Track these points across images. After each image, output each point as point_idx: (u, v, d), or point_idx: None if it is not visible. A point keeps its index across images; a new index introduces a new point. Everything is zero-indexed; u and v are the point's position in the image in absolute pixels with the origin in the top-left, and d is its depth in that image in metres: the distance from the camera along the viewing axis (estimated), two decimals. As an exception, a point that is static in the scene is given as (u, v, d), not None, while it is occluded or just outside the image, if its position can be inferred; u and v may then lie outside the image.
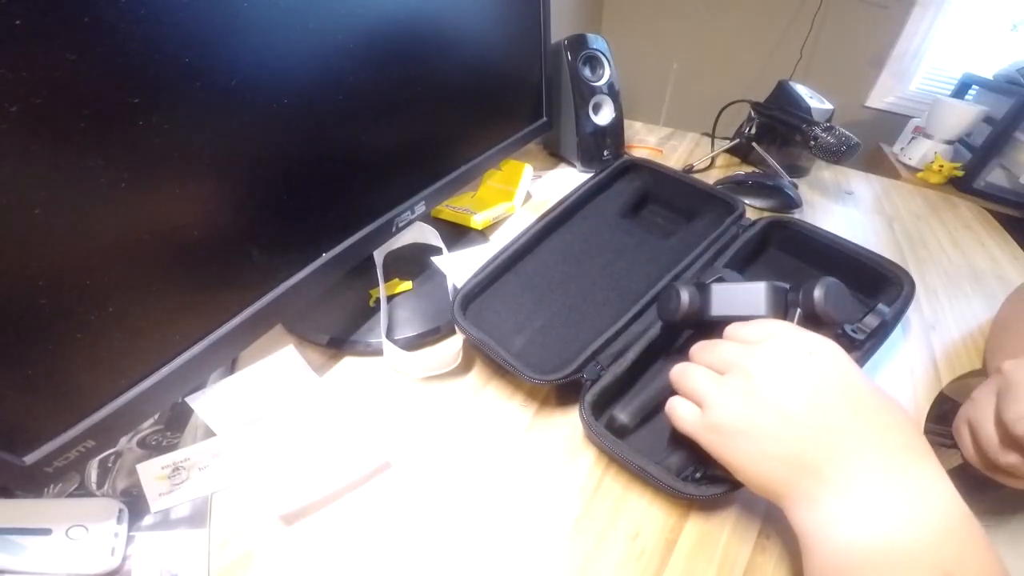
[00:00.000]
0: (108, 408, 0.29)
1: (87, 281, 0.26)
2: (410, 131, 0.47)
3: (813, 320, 0.36)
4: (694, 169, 0.92)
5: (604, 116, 0.82)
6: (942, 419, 0.79)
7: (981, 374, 0.57)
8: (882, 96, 1.91)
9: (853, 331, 0.40)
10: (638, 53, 2.18)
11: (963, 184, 1.39)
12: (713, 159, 0.95)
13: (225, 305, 0.35)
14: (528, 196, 0.74)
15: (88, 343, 0.27)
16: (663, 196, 0.66)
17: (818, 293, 0.35)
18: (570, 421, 0.43)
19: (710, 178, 0.88)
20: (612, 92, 0.82)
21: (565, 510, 0.37)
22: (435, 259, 0.52)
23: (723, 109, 0.96)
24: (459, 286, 0.47)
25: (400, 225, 0.48)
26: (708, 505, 0.37)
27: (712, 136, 0.99)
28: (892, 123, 1.83)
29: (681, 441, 0.36)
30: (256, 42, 0.31)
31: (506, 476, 0.39)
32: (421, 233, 0.54)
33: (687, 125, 1.14)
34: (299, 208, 0.37)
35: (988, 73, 1.54)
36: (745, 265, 0.56)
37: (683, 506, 0.37)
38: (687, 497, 0.34)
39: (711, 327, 0.38)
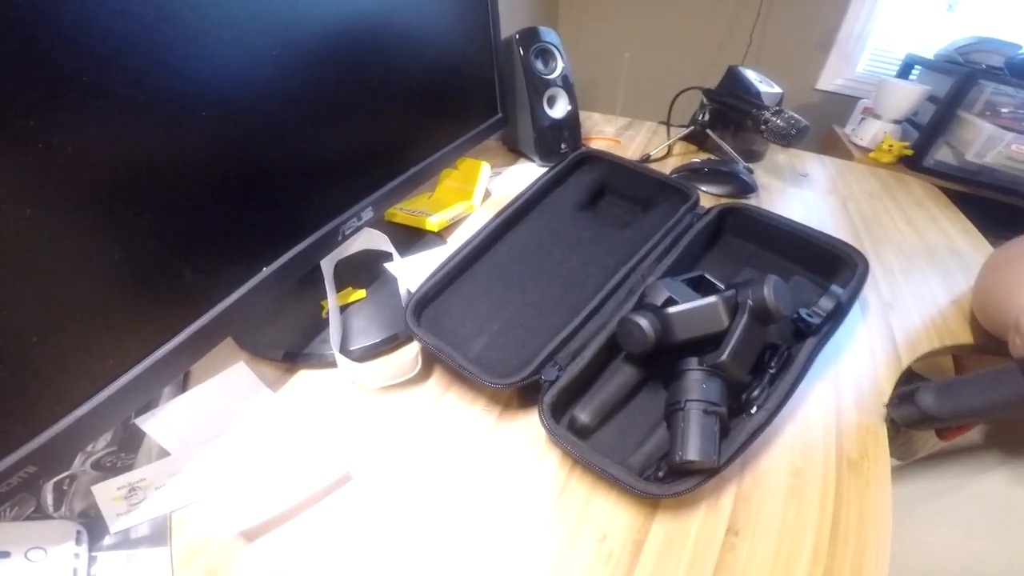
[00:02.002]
0: (45, 435, 0.28)
1: (1, 313, 0.24)
2: (350, 136, 0.45)
3: (761, 316, 0.36)
4: (651, 158, 0.92)
5: (559, 109, 0.81)
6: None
7: (943, 353, 0.57)
8: (831, 78, 1.96)
9: (808, 315, 0.40)
10: (595, 44, 2.18)
11: (913, 162, 1.43)
12: (670, 147, 0.96)
13: (158, 329, 0.33)
14: (488, 194, 0.72)
15: (11, 373, 0.26)
16: (619, 187, 0.66)
17: (767, 292, 0.35)
18: (533, 423, 0.42)
19: (668, 166, 0.88)
20: (566, 84, 0.81)
21: (532, 514, 0.36)
22: (388, 265, 0.50)
23: (676, 97, 0.96)
24: (412, 291, 0.45)
25: (346, 233, 0.46)
26: (674, 504, 0.37)
27: (667, 124, 1.00)
28: (843, 105, 1.88)
29: (644, 439, 0.35)
30: (163, 55, 0.28)
31: (470, 483, 0.38)
32: (371, 239, 0.52)
33: (645, 114, 1.15)
34: (231, 224, 0.35)
35: (928, 53, 1.60)
36: (701, 253, 0.55)
37: (649, 506, 0.37)
38: (650, 496, 0.34)
39: (674, 348, 0.38)
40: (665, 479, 0.34)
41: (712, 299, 0.36)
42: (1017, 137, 1.20)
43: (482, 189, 0.67)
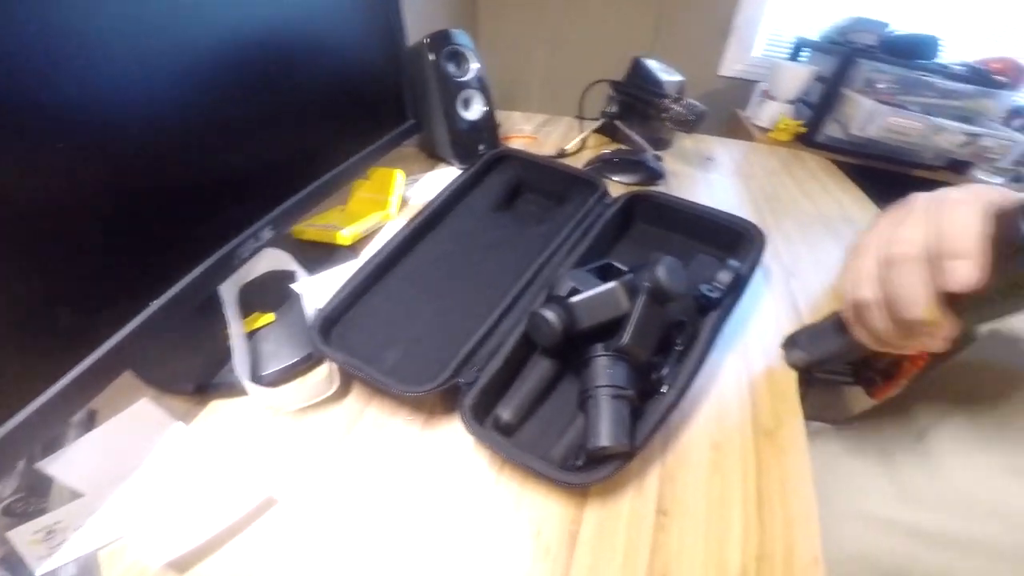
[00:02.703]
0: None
1: None
2: (241, 153, 0.43)
3: (658, 297, 0.37)
4: (566, 153, 0.93)
5: (475, 110, 0.81)
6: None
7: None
8: (732, 64, 2.07)
9: (709, 290, 0.42)
10: (514, 43, 2.20)
11: (807, 139, 1.54)
12: (583, 141, 0.98)
13: (39, 374, 0.30)
14: (406, 202, 0.71)
15: None
16: (535, 184, 0.67)
17: (660, 272, 0.36)
18: (460, 426, 0.41)
19: (583, 159, 0.90)
20: (481, 86, 0.81)
21: (467, 518, 0.36)
22: (294, 285, 0.48)
23: (585, 91, 0.98)
24: (320, 309, 0.44)
25: (244, 256, 0.44)
26: (603, 491, 0.37)
27: (580, 118, 1.02)
28: (744, 89, 1.99)
29: (564, 430, 0.36)
30: (31, 66, 0.26)
31: (401, 494, 0.37)
32: (275, 260, 0.50)
33: (564, 110, 1.16)
34: (107, 259, 0.33)
35: (817, 35, 1.72)
36: (613, 241, 0.57)
37: (579, 495, 0.37)
38: (571, 486, 0.34)
39: (584, 336, 0.38)
40: (585, 467, 0.35)
41: (611, 285, 0.37)
42: (893, 110, 1.32)
43: (398, 198, 0.66)
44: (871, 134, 1.37)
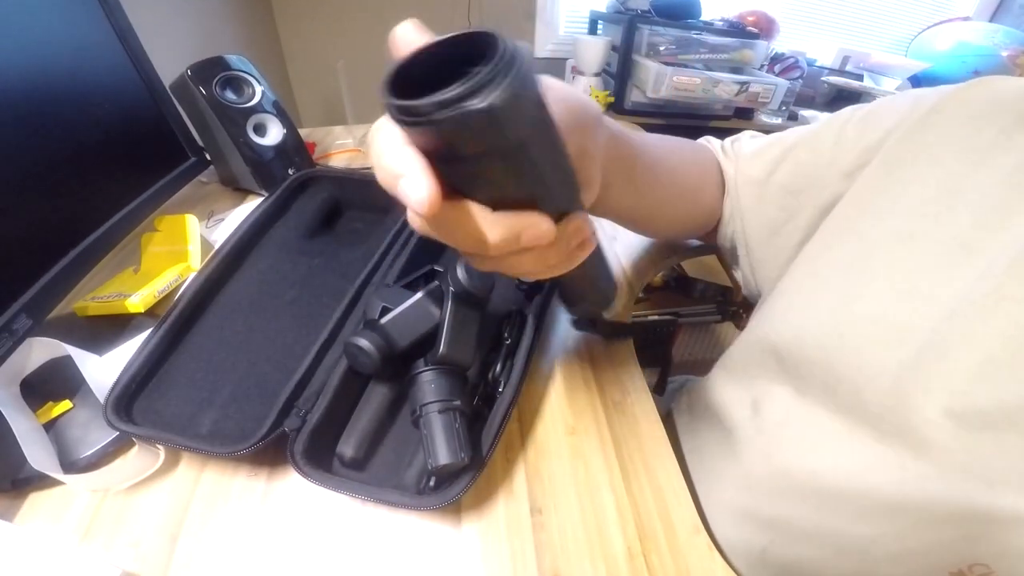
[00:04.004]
0: None
1: None
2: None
3: (466, 298, 0.35)
4: (392, 159, 0.91)
5: (273, 135, 0.75)
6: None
7: (663, 267, 0.63)
8: (544, 45, 2.17)
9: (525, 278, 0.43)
10: (322, 56, 2.09)
11: (617, 107, 1.67)
12: (407, 144, 0.96)
13: None
14: (212, 246, 0.64)
15: None
16: (355, 200, 0.64)
17: (460, 274, 0.34)
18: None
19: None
20: (276, 108, 0.75)
21: (339, 558, 0.34)
22: (82, 370, 0.41)
23: (397, 94, 0.96)
24: (111, 386, 0.38)
25: (1, 353, 0.37)
26: (475, 501, 0.37)
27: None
28: (558, 68, 2.10)
29: (413, 453, 0.35)
30: None
31: (261, 554, 0.34)
32: (48, 349, 0.42)
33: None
34: None
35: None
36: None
37: (452, 511, 0.36)
38: (427, 510, 0.33)
39: (409, 353, 0.37)
40: (438, 487, 0.34)
41: (417, 297, 0.36)
42: (676, 70, 1.48)
43: (197, 245, 0.59)
44: (665, 94, 1.52)
